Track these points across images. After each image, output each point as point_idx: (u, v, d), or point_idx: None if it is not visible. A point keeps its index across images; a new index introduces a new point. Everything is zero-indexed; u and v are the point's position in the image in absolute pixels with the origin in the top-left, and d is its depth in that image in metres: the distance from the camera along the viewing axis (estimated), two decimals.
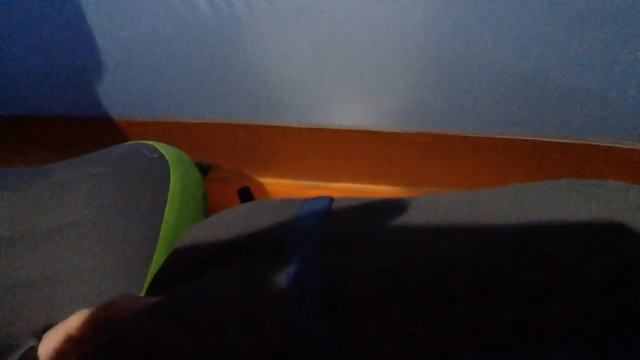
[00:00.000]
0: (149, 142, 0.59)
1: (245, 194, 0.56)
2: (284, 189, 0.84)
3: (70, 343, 0.30)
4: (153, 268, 0.47)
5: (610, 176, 0.66)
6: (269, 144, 0.76)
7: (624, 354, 0.23)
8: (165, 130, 0.75)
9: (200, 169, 0.63)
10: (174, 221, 0.52)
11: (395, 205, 0.35)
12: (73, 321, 0.31)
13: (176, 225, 0.52)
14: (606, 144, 0.63)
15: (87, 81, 0.70)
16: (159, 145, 0.59)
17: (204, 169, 0.66)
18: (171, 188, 0.54)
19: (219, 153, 0.79)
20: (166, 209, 0.52)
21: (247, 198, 0.56)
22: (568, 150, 0.65)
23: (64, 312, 0.42)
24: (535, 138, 0.65)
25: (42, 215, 0.49)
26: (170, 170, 0.55)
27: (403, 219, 0.33)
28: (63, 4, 0.62)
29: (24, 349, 0.31)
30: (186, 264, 0.37)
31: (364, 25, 0.58)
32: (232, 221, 0.38)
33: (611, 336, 0.24)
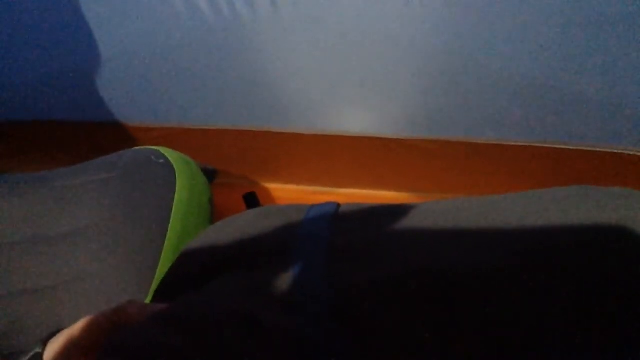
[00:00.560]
0: (155, 148, 0.60)
1: (252, 200, 0.56)
2: (290, 195, 0.84)
3: (76, 349, 0.30)
4: (159, 274, 0.47)
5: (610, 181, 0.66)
6: (275, 150, 0.76)
7: (624, 355, 0.22)
8: (171, 136, 0.75)
9: (206, 175, 0.63)
10: (180, 227, 0.52)
11: (403, 211, 0.35)
12: (79, 327, 0.31)
13: (182, 231, 0.52)
14: (617, 151, 0.62)
15: (93, 87, 0.70)
16: (165, 150, 0.59)
17: (210, 175, 0.66)
18: (177, 193, 0.54)
19: (224, 159, 0.79)
20: (172, 215, 0.52)
21: (253, 204, 0.56)
22: (577, 157, 0.64)
23: (70, 318, 0.42)
24: (544, 145, 0.64)
25: (49, 221, 0.49)
26: (177, 176, 0.55)
27: (410, 225, 0.33)
28: (66, 8, 0.63)
29: (30, 355, 0.31)
30: (192, 270, 0.37)
31: (370, 31, 0.58)
32: (239, 227, 0.38)
33: (612, 337, 0.24)
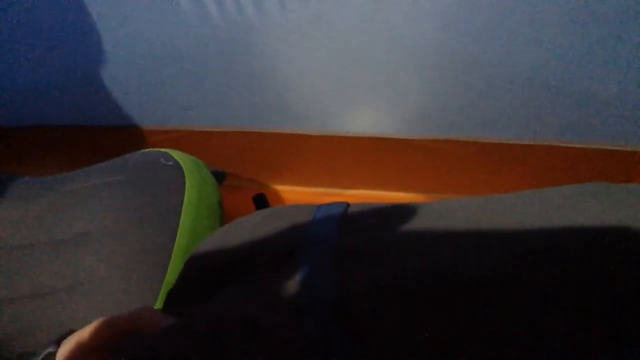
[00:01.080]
0: (164, 150, 0.60)
1: (261, 201, 0.56)
2: (299, 196, 0.84)
3: (89, 350, 0.30)
4: (169, 276, 0.47)
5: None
6: (284, 151, 0.76)
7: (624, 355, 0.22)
8: (180, 139, 0.76)
9: (215, 177, 0.63)
10: (190, 229, 0.52)
11: (409, 211, 0.34)
12: (93, 328, 0.31)
13: (192, 233, 0.52)
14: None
15: (103, 91, 0.71)
16: (174, 152, 0.59)
17: (219, 177, 0.66)
18: (187, 195, 0.54)
19: (233, 160, 0.79)
20: (182, 217, 0.52)
21: (262, 205, 0.56)
22: (590, 156, 0.63)
23: (80, 321, 0.42)
24: (554, 143, 0.63)
25: (59, 224, 0.50)
26: (186, 178, 0.56)
27: (416, 225, 0.33)
28: (75, 13, 0.63)
29: (43, 354, 0.31)
30: (203, 275, 0.37)
31: (379, 31, 0.58)
32: (247, 229, 0.38)
33: (612, 338, 0.23)
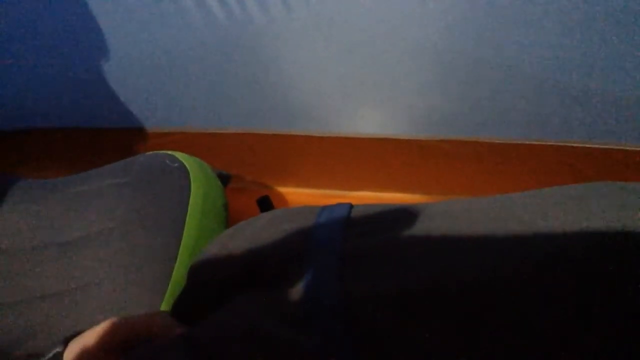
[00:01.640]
0: (170, 152, 0.60)
1: (265, 204, 0.56)
2: (304, 198, 0.84)
3: (98, 350, 0.30)
4: (174, 278, 0.48)
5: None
6: (288, 153, 0.76)
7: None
8: (184, 141, 0.76)
9: (220, 179, 0.63)
10: (195, 231, 0.52)
11: (414, 213, 0.34)
12: (103, 328, 0.31)
13: (197, 235, 0.52)
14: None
15: (108, 93, 0.71)
16: (180, 155, 0.59)
17: (225, 179, 0.66)
18: (192, 198, 0.54)
19: (239, 163, 0.79)
20: (187, 219, 0.52)
21: (267, 207, 0.56)
22: (596, 155, 0.63)
23: (85, 323, 0.42)
24: (563, 143, 0.63)
25: (64, 226, 0.50)
26: (191, 180, 0.56)
27: (421, 228, 0.32)
28: (76, 15, 0.63)
29: (51, 354, 0.32)
30: (207, 282, 0.37)
31: (385, 32, 0.57)
32: (252, 233, 0.37)
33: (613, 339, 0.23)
